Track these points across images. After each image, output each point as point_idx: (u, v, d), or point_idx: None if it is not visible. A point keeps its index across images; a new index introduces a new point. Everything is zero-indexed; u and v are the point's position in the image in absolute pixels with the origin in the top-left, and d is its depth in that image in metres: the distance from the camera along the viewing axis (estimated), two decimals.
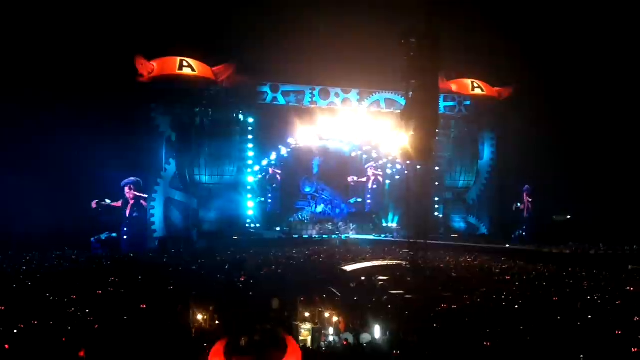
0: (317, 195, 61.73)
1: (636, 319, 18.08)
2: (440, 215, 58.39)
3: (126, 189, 49.13)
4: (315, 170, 61.16)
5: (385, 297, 22.21)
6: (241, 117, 51.98)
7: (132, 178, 49.08)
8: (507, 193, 58.00)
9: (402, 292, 23.43)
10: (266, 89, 53.84)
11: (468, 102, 57.73)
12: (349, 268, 31.18)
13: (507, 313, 19.17)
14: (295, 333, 16.43)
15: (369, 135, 56.46)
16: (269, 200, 58.89)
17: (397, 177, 59.26)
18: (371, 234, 57.16)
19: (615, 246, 42.11)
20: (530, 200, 57.71)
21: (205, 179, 49.80)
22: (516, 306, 20.50)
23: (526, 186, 57.40)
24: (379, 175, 62.80)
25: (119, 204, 48.98)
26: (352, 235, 55.59)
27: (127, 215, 48.92)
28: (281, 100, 54.41)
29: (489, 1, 54.58)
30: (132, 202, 48.95)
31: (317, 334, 16.35)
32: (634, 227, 47.30)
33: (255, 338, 14.80)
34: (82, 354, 13.33)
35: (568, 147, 54.06)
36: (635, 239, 44.41)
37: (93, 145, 43.62)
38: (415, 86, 31.15)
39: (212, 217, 50.06)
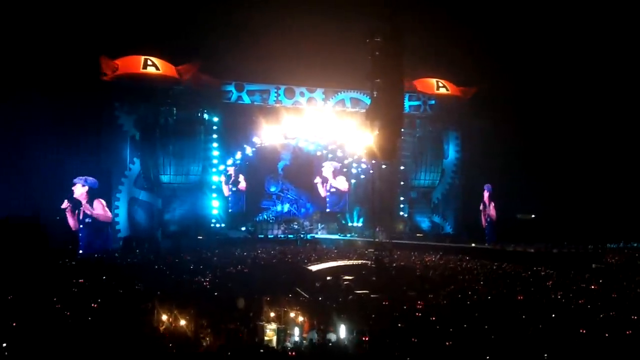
0: (282, 194, 61.66)
1: (600, 317, 18.27)
2: (405, 215, 58.44)
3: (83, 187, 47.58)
4: (280, 170, 61.06)
5: (350, 296, 22.27)
6: (206, 116, 51.58)
7: (90, 178, 47.78)
8: (471, 192, 58.06)
9: (367, 291, 23.50)
10: (231, 88, 53.52)
11: (433, 102, 57.79)
12: (314, 268, 31.24)
13: (472, 312, 19.25)
14: (260, 333, 16.44)
15: (335, 134, 56.38)
16: (229, 199, 58.51)
17: (363, 176, 59.44)
18: (337, 234, 57.20)
19: (579, 245, 42.47)
20: (490, 202, 55.89)
21: (169, 178, 49.35)
22: (481, 305, 20.61)
23: (487, 185, 56.18)
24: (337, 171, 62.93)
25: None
26: (318, 235, 55.69)
27: (81, 216, 47.69)
28: (246, 99, 54.10)
29: (454, 1, 54.86)
30: (85, 201, 47.64)
31: (282, 334, 16.35)
32: (598, 226, 47.77)
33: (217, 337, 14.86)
34: None
35: (533, 147, 54.46)
36: (599, 238, 44.89)
37: (56, 145, 43.30)
38: (380, 85, 31.23)
39: (177, 216, 49.64)
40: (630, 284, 26.55)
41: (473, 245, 47.31)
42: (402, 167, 56.21)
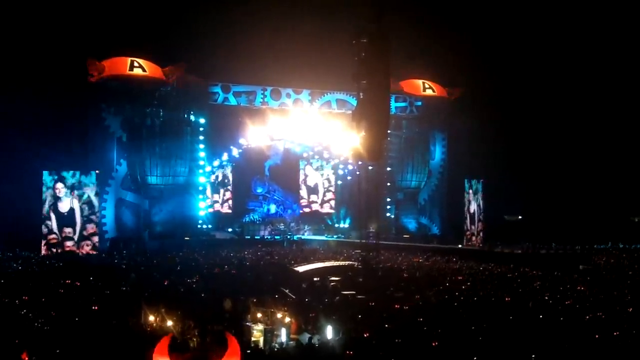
0: (269, 195, 61.46)
1: (587, 318, 18.31)
2: (392, 216, 58.39)
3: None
4: (267, 170, 60.89)
5: (337, 297, 22.24)
6: (192, 117, 51.51)
7: None
8: (458, 193, 58.03)
9: (354, 292, 23.47)
10: (217, 89, 53.57)
11: (419, 103, 57.78)
12: (301, 269, 31.18)
13: (459, 313, 19.26)
14: (247, 334, 16.39)
15: (321, 135, 56.35)
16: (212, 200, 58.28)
17: (349, 177, 59.38)
18: (323, 235, 57.16)
19: (566, 246, 42.59)
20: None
21: (156, 179, 49.24)
22: (468, 306, 20.62)
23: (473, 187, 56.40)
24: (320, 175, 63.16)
25: None
26: (305, 236, 55.67)
27: None
28: (232, 100, 54.17)
29: (440, 2, 54.98)
30: None
31: (269, 334, 16.32)
32: (585, 227, 47.96)
33: (203, 338, 14.77)
34: (24, 356, 13.19)
35: (519, 147, 54.61)
36: (587, 239, 45.03)
37: (43, 146, 43.11)
38: (367, 87, 31.22)
39: (164, 218, 49.49)
40: (618, 284, 26.65)
41: (460, 246, 47.42)
42: (388, 168, 56.24)
